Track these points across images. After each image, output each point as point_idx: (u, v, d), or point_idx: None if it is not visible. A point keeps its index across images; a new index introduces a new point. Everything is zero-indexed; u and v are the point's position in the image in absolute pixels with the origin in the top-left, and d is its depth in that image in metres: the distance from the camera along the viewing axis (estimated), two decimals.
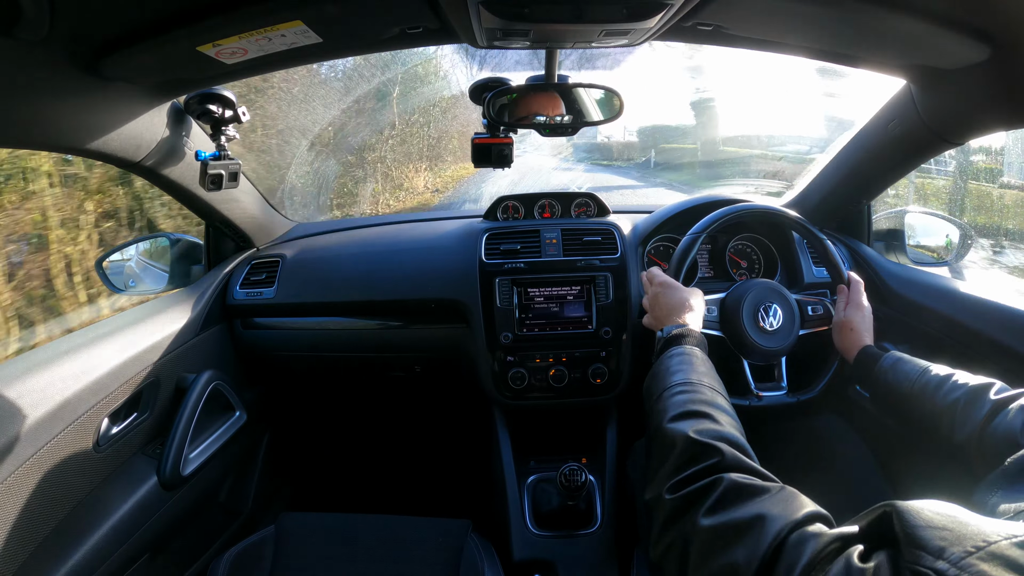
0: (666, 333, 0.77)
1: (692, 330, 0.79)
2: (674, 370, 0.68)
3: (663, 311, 0.87)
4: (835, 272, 1.04)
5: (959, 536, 0.33)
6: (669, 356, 0.73)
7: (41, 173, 2.25)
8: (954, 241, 1.26)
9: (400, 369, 1.34)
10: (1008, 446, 0.61)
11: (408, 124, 3.98)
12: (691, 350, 0.73)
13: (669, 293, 0.89)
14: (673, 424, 0.58)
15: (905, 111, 0.95)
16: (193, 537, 1.11)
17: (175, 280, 1.27)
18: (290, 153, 2.91)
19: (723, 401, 0.63)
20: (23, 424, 0.74)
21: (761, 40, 0.83)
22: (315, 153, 3.15)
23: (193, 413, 1.02)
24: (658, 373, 0.70)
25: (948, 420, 0.72)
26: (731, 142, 4.08)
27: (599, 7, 0.65)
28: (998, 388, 0.70)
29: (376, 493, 1.67)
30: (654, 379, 0.71)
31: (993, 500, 0.50)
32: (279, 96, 2.85)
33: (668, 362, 0.71)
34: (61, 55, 0.63)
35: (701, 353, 0.73)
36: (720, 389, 0.66)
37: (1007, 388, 0.70)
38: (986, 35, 0.69)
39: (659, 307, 0.89)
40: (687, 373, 0.67)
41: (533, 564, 1.02)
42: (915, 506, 0.36)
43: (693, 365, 0.69)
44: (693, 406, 0.60)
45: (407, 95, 3.65)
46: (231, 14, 0.62)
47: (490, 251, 1.19)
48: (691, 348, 0.74)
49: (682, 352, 0.72)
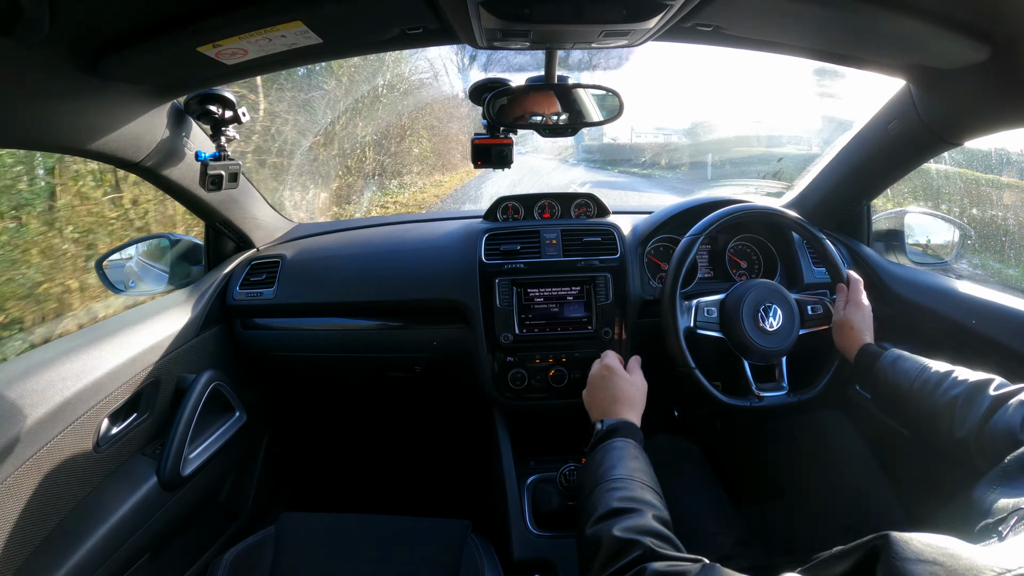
0: (604, 426, 0.76)
1: (631, 423, 0.78)
2: (608, 464, 0.68)
3: (606, 398, 0.84)
4: (834, 271, 1.04)
5: (950, 571, 0.32)
6: (603, 449, 0.72)
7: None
8: (954, 241, 1.26)
9: (400, 369, 1.34)
10: (1008, 441, 0.61)
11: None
12: (626, 443, 0.72)
13: (617, 382, 0.86)
14: (599, 525, 0.59)
15: (905, 111, 0.95)
16: (193, 537, 1.11)
17: (175, 280, 1.27)
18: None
19: (652, 496, 0.63)
20: (23, 424, 0.74)
21: (761, 41, 0.83)
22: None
23: (193, 413, 1.02)
24: (591, 467, 0.70)
25: (948, 417, 0.72)
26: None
27: (599, 8, 0.65)
28: (997, 384, 0.71)
29: (376, 493, 1.67)
30: (586, 472, 0.70)
31: (991, 497, 0.50)
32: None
33: (603, 455, 0.70)
34: (61, 55, 0.63)
35: (636, 447, 0.73)
36: (651, 483, 0.66)
37: (1007, 384, 0.70)
38: (986, 35, 0.69)
39: (602, 392, 0.86)
40: (620, 468, 0.67)
41: (533, 564, 1.02)
42: (905, 538, 0.35)
43: (625, 460, 0.69)
44: (620, 503, 0.61)
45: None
46: (231, 15, 0.63)
47: (490, 251, 1.19)
48: (626, 441, 0.73)
49: (616, 446, 0.72)
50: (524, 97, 0.93)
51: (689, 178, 6.62)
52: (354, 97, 4.08)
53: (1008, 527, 0.43)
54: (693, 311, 1.03)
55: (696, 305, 1.04)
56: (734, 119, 5.17)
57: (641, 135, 8.59)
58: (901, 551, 0.34)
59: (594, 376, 0.88)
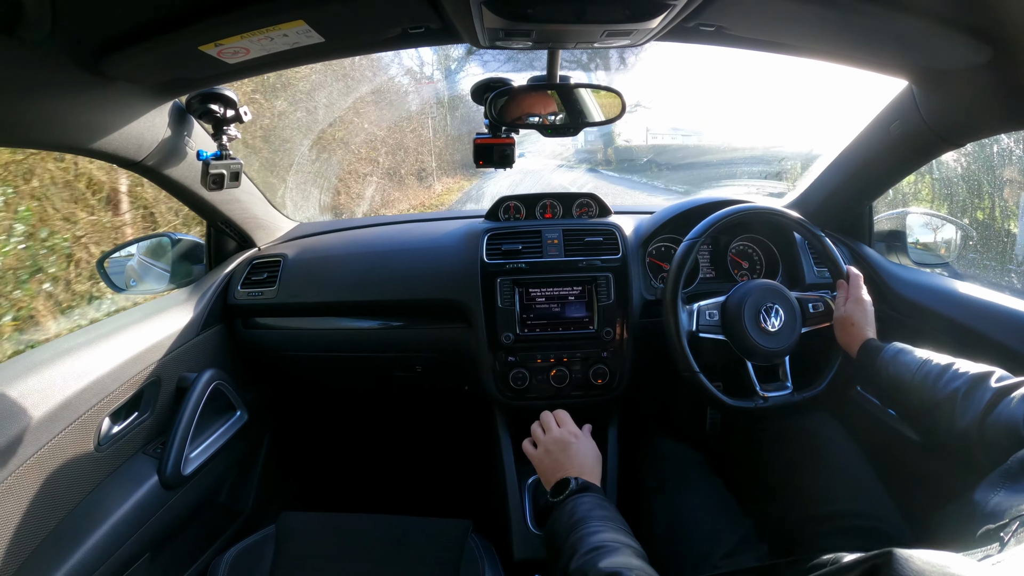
0: (578, 484, 0.76)
1: (593, 483, 0.78)
2: (582, 513, 0.69)
3: (571, 464, 0.83)
4: (834, 268, 1.04)
5: None
6: (575, 500, 0.72)
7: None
8: (955, 241, 1.26)
9: (401, 369, 1.34)
10: (1010, 435, 0.61)
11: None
12: (596, 497, 0.73)
13: (582, 449, 0.85)
14: (584, 559, 0.60)
15: (907, 112, 0.95)
16: (193, 537, 1.11)
17: (176, 280, 1.27)
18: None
19: (628, 539, 0.64)
20: (23, 424, 0.74)
21: (764, 41, 0.83)
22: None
23: (194, 413, 1.02)
24: (563, 515, 0.70)
25: (949, 409, 0.72)
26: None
27: (601, 7, 0.65)
28: (999, 376, 0.70)
29: (377, 493, 1.67)
30: (558, 520, 0.70)
31: (994, 500, 0.50)
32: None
33: (575, 506, 0.71)
34: (63, 54, 0.63)
35: (607, 501, 0.74)
36: (625, 528, 0.67)
37: (1008, 376, 0.70)
38: (988, 36, 0.69)
39: (565, 457, 0.84)
40: (596, 513, 0.68)
41: (533, 564, 1.02)
42: (906, 555, 0.35)
43: (599, 509, 0.70)
44: (601, 542, 0.62)
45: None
46: (233, 14, 0.62)
47: (491, 251, 1.19)
48: (597, 496, 0.74)
49: (587, 500, 0.72)
50: (526, 97, 0.93)
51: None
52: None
53: (1010, 533, 0.43)
54: (695, 315, 1.03)
55: (697, 309, 1.04)
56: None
57: (657, 136, 8.52)
58: (901, 570, 0.34)
59: (557, 441, 0.86)
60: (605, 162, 8.54)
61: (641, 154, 8.50)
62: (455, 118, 6.58)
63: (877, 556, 0.36)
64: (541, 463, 0.86)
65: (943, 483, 0.91)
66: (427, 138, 6.13)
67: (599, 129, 0.99)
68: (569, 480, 0.76)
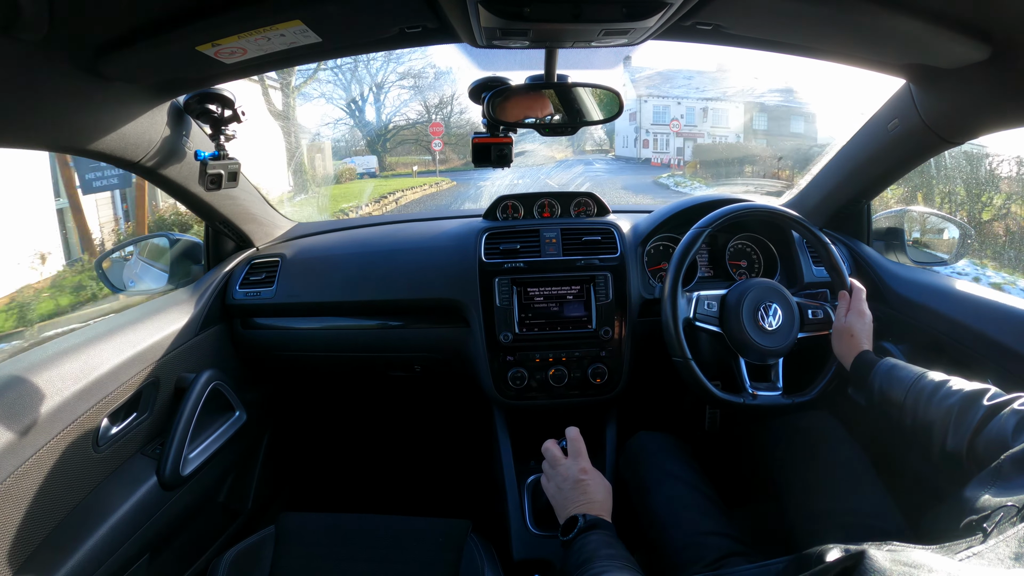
0: (587, 521, 0.77)
1: (609, 523, 0.79)
2: (592, 548, 0.70)
3: (585, 500, 0.83)
4: (837, 277, 1.03)
5: None
6: (586, 537, 0.74)
7: None
8: (954, 240, 1.26)
9: (400, 369, 1.34)
10: (1000, 449, 0.61)
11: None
12: (606, 535, 0.74)
13: (595, 485, 0.85)
14: None
15: (905, 111, 0.95)
16: (193, 537, 1.11)
17: (175, 280, 1.27)
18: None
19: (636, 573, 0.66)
20: (23, 424, 0.74)
21: (761, 40, 0.83)
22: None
23: (193, 413, 1.02)
24: (574, 551, 0.72)
25: (941, 428, 0.72)
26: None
27: (598, 7, 0.65)
28: (992, 394, 0.70)
29: (376, 493, 1.67)
30: (567, 560, 0.72)
31: (984, 496, 0.50)
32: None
33: (584, 542, 0.72)
34: (60, 55, 0.63)
35: (615, 539, 0.75)
36: (634, 566, 0.69)
37: (1001, 393, 0.70)
38: (986, 34, 0.69)
39: (579, 493, 0.84)
40: (604, 551, 0.69)
41: (533, 564, 1.02)
42: (876, 555, 0.35)
43: (608, 548, 0.71)
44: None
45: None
46: (230, 14, 0.62)
47: (489, 251, 1.19)
48: (606, 533, 0.75)
49: (596, 536, 0.73)
50: (523, 96, 0.92)
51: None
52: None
53: (993, 524, 0.43)
54: (693, 303, 1.03)
55: (697, 297, 1.04)
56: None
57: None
58: (868, 571, 0.35)
59: (567, 478, 0.86)
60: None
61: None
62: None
63: (852, 557, 0.36)
64: (553, 499, 0.87)
65: (936, 482, 0.91)
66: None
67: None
68: (578, 518, 0.77)
